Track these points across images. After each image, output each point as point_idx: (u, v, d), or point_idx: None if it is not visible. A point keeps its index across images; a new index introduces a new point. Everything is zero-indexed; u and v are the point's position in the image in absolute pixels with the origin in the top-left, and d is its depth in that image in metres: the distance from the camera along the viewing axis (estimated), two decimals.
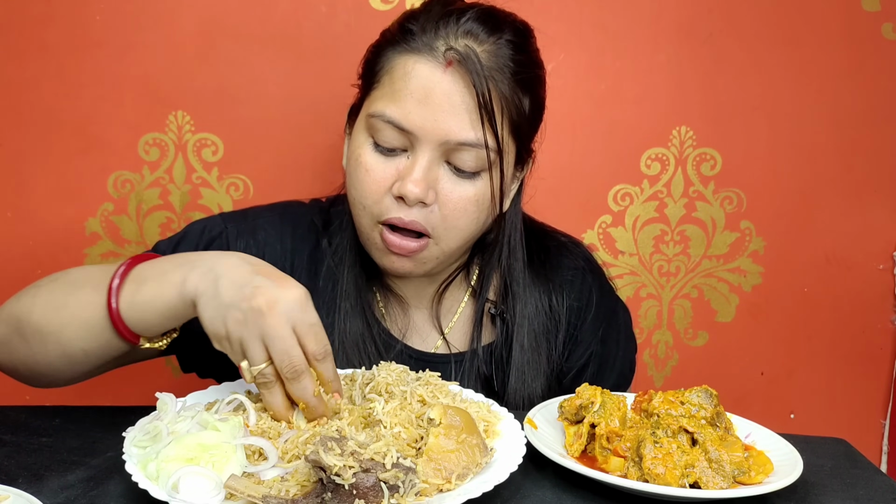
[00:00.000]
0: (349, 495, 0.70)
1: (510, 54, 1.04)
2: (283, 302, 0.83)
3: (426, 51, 1.01)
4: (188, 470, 0.74)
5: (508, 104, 1.04)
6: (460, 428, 0.80)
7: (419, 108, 1.00)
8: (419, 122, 1.00)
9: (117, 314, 0.91)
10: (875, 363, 1.71)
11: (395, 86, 1.01)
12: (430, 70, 1.00)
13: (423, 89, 1.00)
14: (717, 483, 0.82)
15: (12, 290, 1.56)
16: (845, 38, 1.60)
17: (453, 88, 1.00)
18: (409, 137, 1.01)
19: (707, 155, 1.62)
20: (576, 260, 1.23)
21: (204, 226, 1.15)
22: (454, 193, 1.03)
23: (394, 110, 1.01)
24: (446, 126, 1.00)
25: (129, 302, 0.91)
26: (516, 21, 1.09)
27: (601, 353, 1.21)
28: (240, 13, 1.50)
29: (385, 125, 1.01)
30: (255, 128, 1.53)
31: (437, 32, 1.01)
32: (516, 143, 1.08)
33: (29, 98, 1.49)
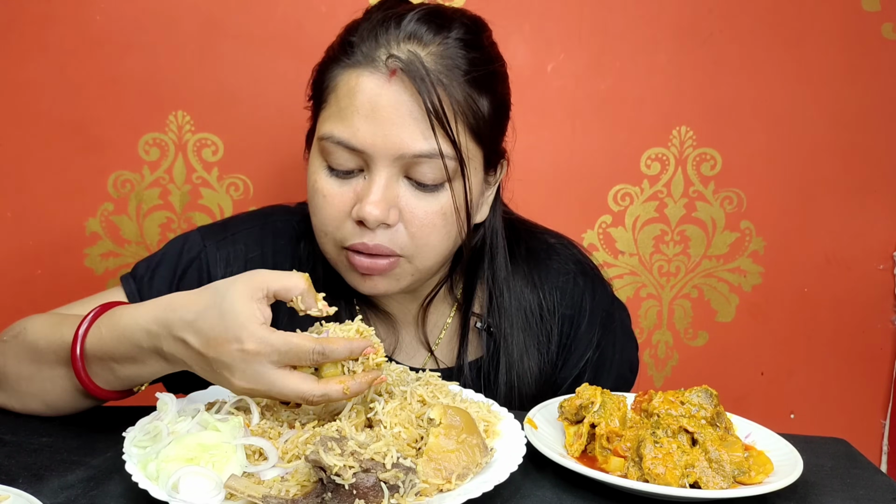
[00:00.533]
0: (349, 495, 0.70)
1: (460, 53, 0.98)
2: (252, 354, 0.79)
3: (368, 63, 0.95)
4: (188, 470, 0.74)
5: (463, 107, 0.97)
6: (460, 428, 0.80)
7: (367, 124, 0.94)
8: (369, 140, 0.94)
9: (88, 379, 0.90)
10: (875, 363, 1.71)
11: (341, 104, 0.96)
12: (374, 83, 0.95)
13: (369, 104, 0.94)
14: (717, 483, 0.82)
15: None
16: (845, 38, 1.60)
17: (400, 99, 0.94)
18: (363, 157, 0.96)
19: (707, 155, 1.62)
20: (565, 263, 1.17)
21: (182, 246, 1.12)
22: (419, 209, 0.98)
23: (342, 130, 0.96)
24: (398, 139, 0.94)
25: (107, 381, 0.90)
26: (465, 16, 1.03)
27: (597, 359, 1.16)
28: (240, 13, 1.50)
29: (336, 147, 0.96)
30: (255, 128, 1.53)
31: (378, 41, 0.96)
32: (481, 146, 1.02)
33: (29, 98, 1.49)
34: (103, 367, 0.89)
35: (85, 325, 0.90)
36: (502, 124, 1.06)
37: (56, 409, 0.96)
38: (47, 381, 0.94)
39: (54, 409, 0.96)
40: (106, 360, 0.88)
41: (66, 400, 0.94)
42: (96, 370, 0.89)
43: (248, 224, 1.15)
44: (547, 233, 1.22)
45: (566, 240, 1.22)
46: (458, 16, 1.01)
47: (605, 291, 1.20)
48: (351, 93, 0.96)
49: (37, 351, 0.95)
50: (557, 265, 1.17)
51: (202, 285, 1.01)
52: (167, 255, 1.11)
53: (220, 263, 1.10)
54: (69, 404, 0.95)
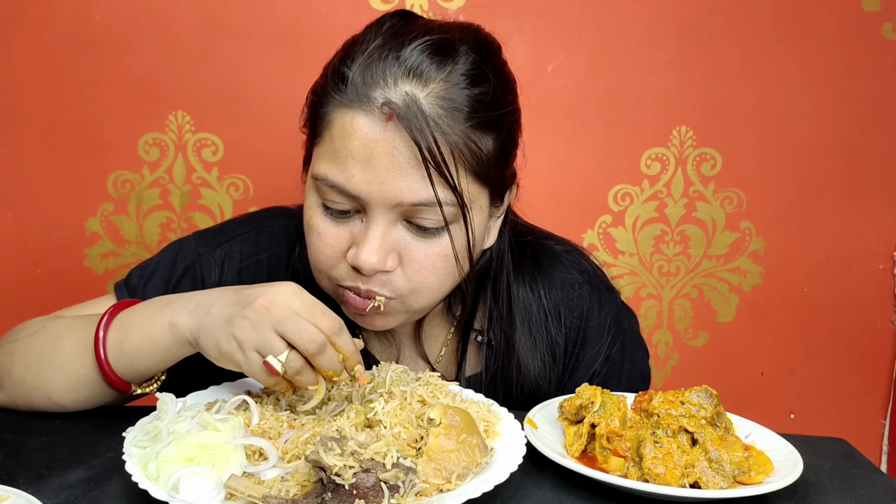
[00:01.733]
0: (349, 495, 0.70)
1: (464, 92, 0.91)
2: (281, 294, 0.84)
3: (363, 103, 0.89)
4: (188, 470, 0.74)
5: (463, 152, 0.91)
6: (460, 428, 0.80)
7: (363, 171, 0.89)
8: (365, 187, 0.89)
9: (107, 364, 0.92)
10: (875, 363, 1.71)
11: (335, 145, 0.90)
12: (369, 126, 0.88)
13: (364, 149, 0.88)
14: (717, 483, 0.82)
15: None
16: (845, 38, 1.60)
17: (396, 145, 0.88)
18: (359, 200, 0.91)
19: (707, 155, 1.62)
20: (571, 274, 1.13)
21: (177, 253, 1.11)
22: (419, 252, 0.93)
23: (336, 174, 0.90)
24: (395, 188, 0.89)
25: (117, 351, 0.91)
26: (474, 42, 0.95)
27: (606, 371, 1.13)
28: (240, 13, 1.50)
29: (330, 189, 0.91)
30: (255, 128, 1.53)
31: (374, 78, 0.89)
32: (486, 186, 0.96)
33: (29, 98, 1.49)
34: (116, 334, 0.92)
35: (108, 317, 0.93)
36: (509, 155, 1.00)
37: (60, 406, 0.96)
38: (59, 361, 0.94)
39: (58, 406, 0.96)
40: (122, 329, 0.91)
41: (76, 390, 0.94)
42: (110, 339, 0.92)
43: (244, 229, 1.13)
44: (553, 240, 1.18)
45: (573, 247, 1.18)
46: (468, 40, 0.94)
47: (612, 301, 1.16)
48: (346, 134, 0.90)
49: (54, 335, 0.97)
50: (563, 276, 1.13)
51: None
52: (161, 262, 1.11)
53: (215, 271, 1.10)
54: (78, 395, 0.95)
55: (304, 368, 0.84)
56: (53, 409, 0.96)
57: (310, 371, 0.85)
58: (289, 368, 0.83)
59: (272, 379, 0.85)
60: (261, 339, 0.83)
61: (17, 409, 0.98)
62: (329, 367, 0.85)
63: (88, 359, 0.93)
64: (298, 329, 0.83)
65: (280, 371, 0.83)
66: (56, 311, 1.10)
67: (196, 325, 0.87)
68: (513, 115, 0.99)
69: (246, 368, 0.85)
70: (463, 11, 1.53)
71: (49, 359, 0.95)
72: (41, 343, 0.98)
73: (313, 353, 0.83)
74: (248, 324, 0.83)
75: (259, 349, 0.83)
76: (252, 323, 0.83)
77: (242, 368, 0.85)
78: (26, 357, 0.97)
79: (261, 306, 0.83)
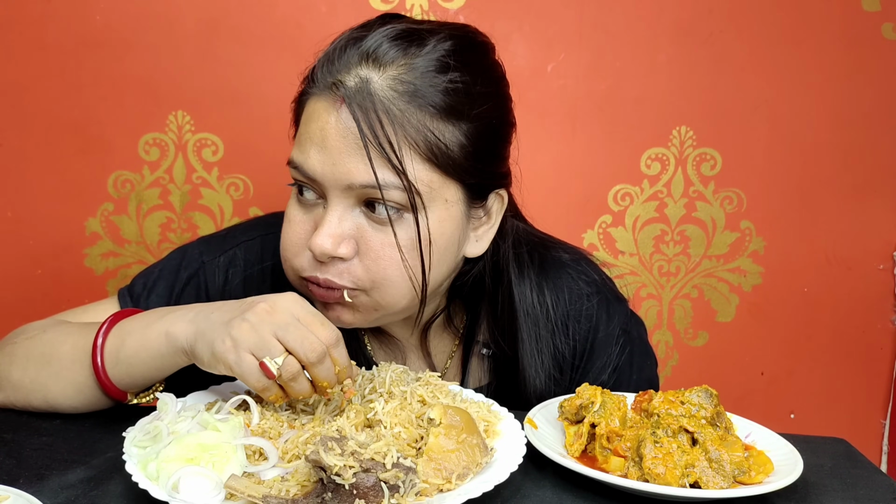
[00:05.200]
0: (349, 495, 0.70)
1: (427, 78, 0.90)
2: (283, 301, 0.84)
3: (323, 88, 0.92)
4: (188, 470, 0.74)
5: (415, 138, 0.90)
6: (460, 428, 0.80)
7: (318, 152, 0.91)
8: (318, 168, 0.91)
9: (103, 371, 0.91)
10: (875, 363, 1.71)
11: (301, 130, 0.95)
12: (325, 109, 0.91)
13: (321, 132, 0.91)
14: (717, 483, 0.82)
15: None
16: (845, 38, 1.60)
17: (347, 126, 0.89)
18: (320, 185, 0.92)
19: (707, 155, 1.62)
20: (578, 284, 1.11)
21: (181, 261, 1.10)
22: (375, 241, 0.92)
23: (297, 156, 0.93)
24: (345, 169, 0.90)
25: (114, 358, 0.91)
26: (454, 33, 0.95)
27: (613, 381, 1.11)
28: (240, 13, 1.50)
29: (296, 173, 0.94)
30: (255, 128, 1.53)
31: (334, 65, 0.92)
32: (454, 180, 0.94)
33: (29, 98, 1.49)
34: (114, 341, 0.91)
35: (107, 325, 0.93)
36: (490, 152, 0.97)
37: (57, 409, 0.96)
38: (57, 367, 0.94)
39: (55, 409, 0.96)
40: (120, 336, 0.91)
41: (73, 397, 0.95)
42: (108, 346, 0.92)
43: (249, 235, 1.13)
44: (561, 248, 1.15)
45: (580, 256, 1.15)
46: (442, 33, 0.93)
47: (621, 311, 1.13)
48: (308, 119, 0.93)
49: (53, 340, 0.97)
50: (570, 286, 1.11)
51: (200, 302, 1.02)
52: (165, 270, 1.10)
53: (219, 278, 1.10)
54: (74, 402, 0.95)
55: (300, 375, 0.84)
56: (51, 411, 0.96)
57: (304, 379, 0.84)
58: (284, 373, 0.82)
59: (264, 382, 0.83)
60: (259, 342, 0.82)
61: (16, 409, 0.98)
62: (326, 377, 0.84)
63: (86, 366, 0.92)
64: (300, 337, 0.82)
65: (276, 374, 0.82)
66: (57, 312, 1.10)
67: (193, 332, 0.86)
68: (494, 109, 0.97)
69: (237, 369, 0.82)
70: (463, 11, 1.53)
71: (47, 363, 0.95)
72: (40, 347, 0.97)
73: (313, 361, 0.83)
74: (248, 325, 0.83)
75: (255, 351, 0.82)
76: (252, 325, 0.82)
77: (233, 369, 0.83)
78: (25, 360, 0.97)
79: (262, 310, 0.83)
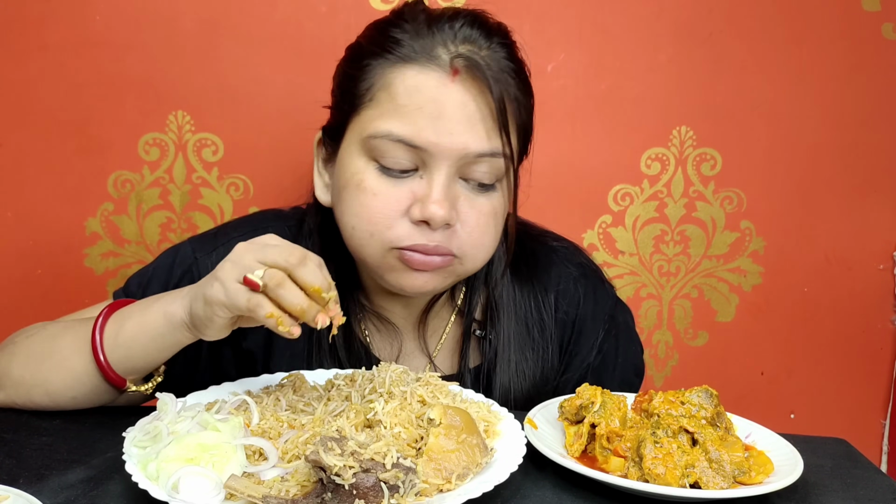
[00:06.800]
0: (349, 495, 0.70)
1: (507, 58, 0.99)
2: (260, 238, 0.86)
3: (427, 60, 0.94)
4: (188, 470, 0.74)
5: (517, 108, 0.99)
6: (460, 428, 0.80)
7: (432, 123, 0.93)
8: (433, 139, 0.93)
9: (102, 355, 0.92)
10: (875, 363, 1.71)
11: (398, 101, 0.94)
12: (436, 81, 0.94)
13: (434, 103, 0.93)
14: (717, 483, 0.82)
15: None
16: (845, 38, 1.60)
17: (465, 98, 0.94)
18: (422, 155, 0.94)
19: (707, 155, 1.62)
20: (566, 267, 1.16)
21: (173, 259, 1.12)
22: (474, 209, 0.97)
23: (401, 128, 0.94)
24: (462, 139, 0.94)
25: (112, 342, 0.92)
26: (500, 24, 1.04)
27: (599, 364, 1.15)
28: (240, 13, 1.50)
29: (394, 145, 0.94)
30: (255, 128, 1.53)
31: (434, 40, 0.95)
32: (520, 147, 1.03)
33: (29, 98, 1.49)
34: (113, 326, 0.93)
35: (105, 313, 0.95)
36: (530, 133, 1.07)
37: (59, 404, 0.96)
38: (58, 357, 0.95)
39: (57, 404, 0.96)
40: (118, 321, 0.93)
41: (73, 386, 0.95)
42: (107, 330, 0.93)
43: (239, 231, 1.13)
44: (550, 236, 1.20)
45: (569, 243, 1.21)
46: (496, 23, 1.02)
47: (607, 294, 1.18)
48: (410, 91, 0.94)
49: (53, 334, 0.98)
50: (558, 269, 1.15)
51: None
52: (158, 268, 1.11)
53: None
54: (76, 392, 0.95)
55: (286, 281, 0.81)
56: (52, 407, 0.97)
57: (293, 287, 0.82)
58: (269, 280, 0.81)
59: (255, 299, 0.81)
60: (240, 268, 0.82)
61: (17, 408, 0.98)
62: (313, 280, 0.82)
63: (85, 353, 0.93)
64: (277, 249, 0.82)
65: (260, 283, 0.81)
66: (57, 312, 1.11)
67: (188, 301, 0.88)
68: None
69: (227, 300, 0.82)
70: None
71: (48, 356, 0.96)
72: (39, 342, 0.98)
73: (294, 263, 0.81)
74: (229, 263, 0.84)
75: (239, 277, 0.82)
76: (232, 261, 0.84)
77: (224, 303, 0.83)
78: (25, 357, 0.98)
79: (239, 247, 0.85)
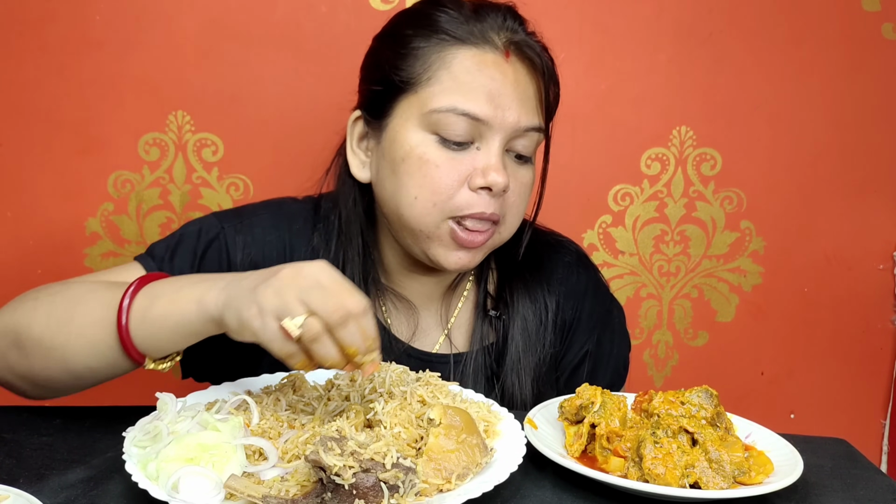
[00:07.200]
0: (349, 495, 0.70)
1: (539, 45, 1.09)
2: (309, 266, 0.83)
3: (483, 42, 1.04)
4: (188, 470, 0.74)
5: (554, 90, 1.12)
6: (460, 428, 0.80)
7: (492, 99, 1.02)
8: (492, 112, 1.02)
9: (126, 331, 0.89)
10: (875, 363, 1.71)
11: (461, 79, 1.03)
12: (493, 61, 1.04)
13: (493, 80, 1.03)
14: (717, 483, 0.82)
15: (12, 289, 1.55)
16: (845, 38, 1.60)
17: (517, 76, 1.05)
18: (480, 128, 1.03)
19: (707, 155, 1.62)
20: (569, 255, 1.23)
21: (199, 227, 1.12)
22: (517, 179, 1.07)
23: (465, 103, 1.02)
24: (516, 114, 1.04)
25: (140, 317, 0.89)
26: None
27: (596, 352, 1.20)
28: (240, 13, 1.50)
29: (457, 118, 1.02)
30: (255, 128, 1.53)
31: (485, 25, 1.05)
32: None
33: (29, 98, 1.49)
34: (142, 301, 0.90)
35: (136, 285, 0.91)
36: None
37: (73, 373, 0.94)
38: (80, 324, 0.92)
39: (71, 373, 0.94)
40: (149, 298, 0.90)
41: (92, 356, 0.92)
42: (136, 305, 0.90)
43: (261, 210, 1.16)
44: (550, 232, 1.26)
45: (569, 239, 1.27)
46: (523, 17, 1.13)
47: (605, 288, 1.25)
48: (470, 69, 1.03)
49: (78, 297, 0.94)
50: (561, 258, 1.22)
51: (222, 267, 1.08)
52: (185, 235, 1.11)
53: (238, 245, 1.11)
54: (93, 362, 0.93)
55: (323, 337, 0.81)
56: (66, 377, 0.94)
57: (329, 343, 0.81)
58: (306, 332, 0.80)
59: (287, 348, 0.81)
60: (281, 305, 0.80)
61: (28, 378, 0.95)
62: (351, 342, 0.81)
63: (109, 324, 0.90)
64: (323, 298, 0.80)
65: (295, 335, 0.79)
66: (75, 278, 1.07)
67: (224, 300, 0.85)
68: None
69: (262, 335, 0.81)
70: None
71: (70, 321, 0.93)
72: (63, 304, 0.94)
73: (336, 322, 0.80)
74: (272, 290, 0.81)
75: (278, 314, 0.80)
76: (276, 290, 0.81)
77: (258, 335, 0.82)
78: (47, 316, 0.94)
79: (287, 275, 0.82)
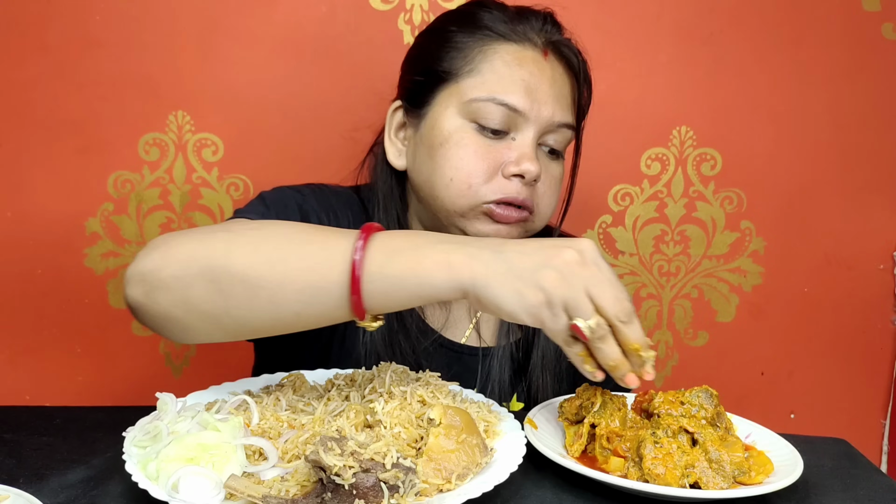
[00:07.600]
0: (349, 495, 0.70)
1: (577, 49, 1.14)
2: (588, 249, 0.80)
3: (524, 40, 1.10)
4: (188, 470, 0.74)
5: (585, 92, 1.15)
6: (460, 428, 0.80)
7: (530, 92, 1.07)
8: (530, 105, 1.07)
9: (358, 284, 0.82)
10: (875, 363, 1.71)
11: (501, 72, 1.08)
12: (532, 58, 1.09)
13: (532, 75, 1.08)
14: (717, 483, 0.82)
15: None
16: (845, 38, 1.60)
17: (554, 74, 1.10)
18: (517, 119, 1.07)
19: (707, 155, 1.62)
20: None
21: (282, 194, 1.10)
22: (548, 172, 1.11)
23: (505, 94, 1.07)
24: (551, 109, 1.08)
25: (376, 273, 0.82)
26: None
27: None
28: (240, 13, 1.50)
29: (495, 108, 1.07)
30: (255, 128, 1.53)
31: (526, 25, 1.11)
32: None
33: (29, 98, 1.49)
34: (378, 256, 0.83)
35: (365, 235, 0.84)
36: None
37: (277, 318, 0.86)
38: (298, 265, 0.84)
39: (274, 318, 0.86)
40: (386, 253, 0.83)
41: (306, 302, 0.84)
42: (371, 259, 0.83)
43: (303, 188, 1.15)
44: (565, 233, 1.27)
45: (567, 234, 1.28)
46: None
47: None
48: (511, 64, 1.08)
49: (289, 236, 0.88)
50: None
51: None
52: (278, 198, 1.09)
53: (322, 212, 1.13)
54: (305, 308, 0.85)
55: (609, 337, 0.79)
56: (265, 320, 0.86)
57: (613, 343, 0.79)
58: (595, 332, 0.78)
59: (575, 347, 0.80)
60: (571, 297, 0.77)
61: (213, 317, 0.86)
62: (637, 338, 0.79)
63: (338, 272, 0.83)
64: (614, 297, 0.78)
65: (589, 336, 0.78)
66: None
67: (482, 270, 0.80)
68: None
69: (550, 326, 0.79)
70: None
71: (283, 259, 0.84)
72: (274, 241, 0.87)
73: (624, 322, 0.78)
74: (558, 276, 0.78)
75: (568, 308, 0.78)
76: (562, 276, 0.78)
77: (546, 325, 0.79)
78: (253, 252, 0.85)
79: (571, 259, 0.79)
